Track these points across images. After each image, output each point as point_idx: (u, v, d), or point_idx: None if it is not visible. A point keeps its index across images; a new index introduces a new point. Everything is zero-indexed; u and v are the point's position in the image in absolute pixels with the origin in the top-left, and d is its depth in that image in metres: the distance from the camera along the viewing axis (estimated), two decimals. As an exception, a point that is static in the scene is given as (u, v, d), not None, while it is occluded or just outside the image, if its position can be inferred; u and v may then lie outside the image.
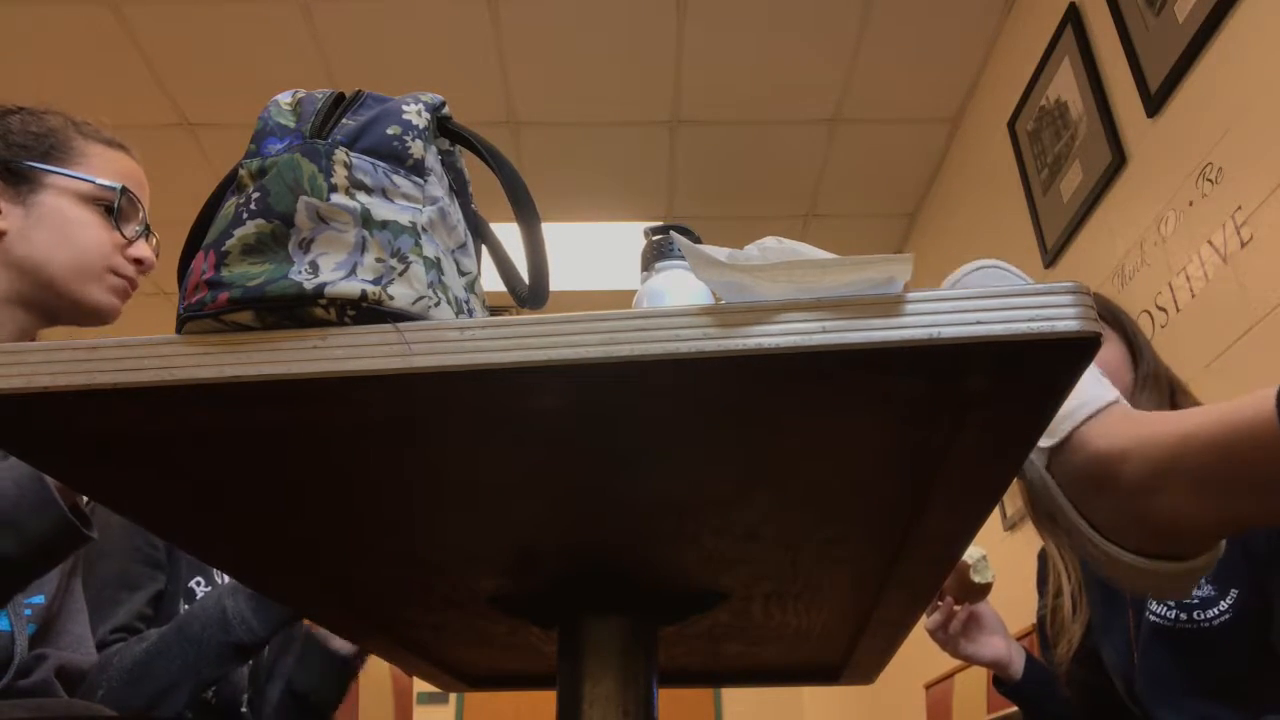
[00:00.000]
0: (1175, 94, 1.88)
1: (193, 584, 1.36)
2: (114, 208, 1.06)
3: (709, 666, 1.16)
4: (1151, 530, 0.66)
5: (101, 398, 0.49)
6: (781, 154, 3.22)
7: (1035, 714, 1.34)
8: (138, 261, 1.09)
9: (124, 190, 1.07)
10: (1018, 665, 1.32)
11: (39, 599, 1.02)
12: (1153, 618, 1.14)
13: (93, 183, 1.05)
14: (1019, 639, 1.41)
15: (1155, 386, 1.21)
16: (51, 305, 1.05)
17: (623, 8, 2.66)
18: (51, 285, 1.03)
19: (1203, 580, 1.08)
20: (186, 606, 1.31)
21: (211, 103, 2.95)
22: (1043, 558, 1.42)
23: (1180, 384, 1.25)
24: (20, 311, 1.04)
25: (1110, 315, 1.29)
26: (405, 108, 0.59)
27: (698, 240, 0.60)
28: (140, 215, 1.10)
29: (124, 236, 1.07)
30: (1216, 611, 1.08)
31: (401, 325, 0.49)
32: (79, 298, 1.04)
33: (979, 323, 0.45)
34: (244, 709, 1.32)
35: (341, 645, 1.36)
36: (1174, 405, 1.21)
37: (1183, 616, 1.11)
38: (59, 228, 1.03)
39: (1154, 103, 1.93)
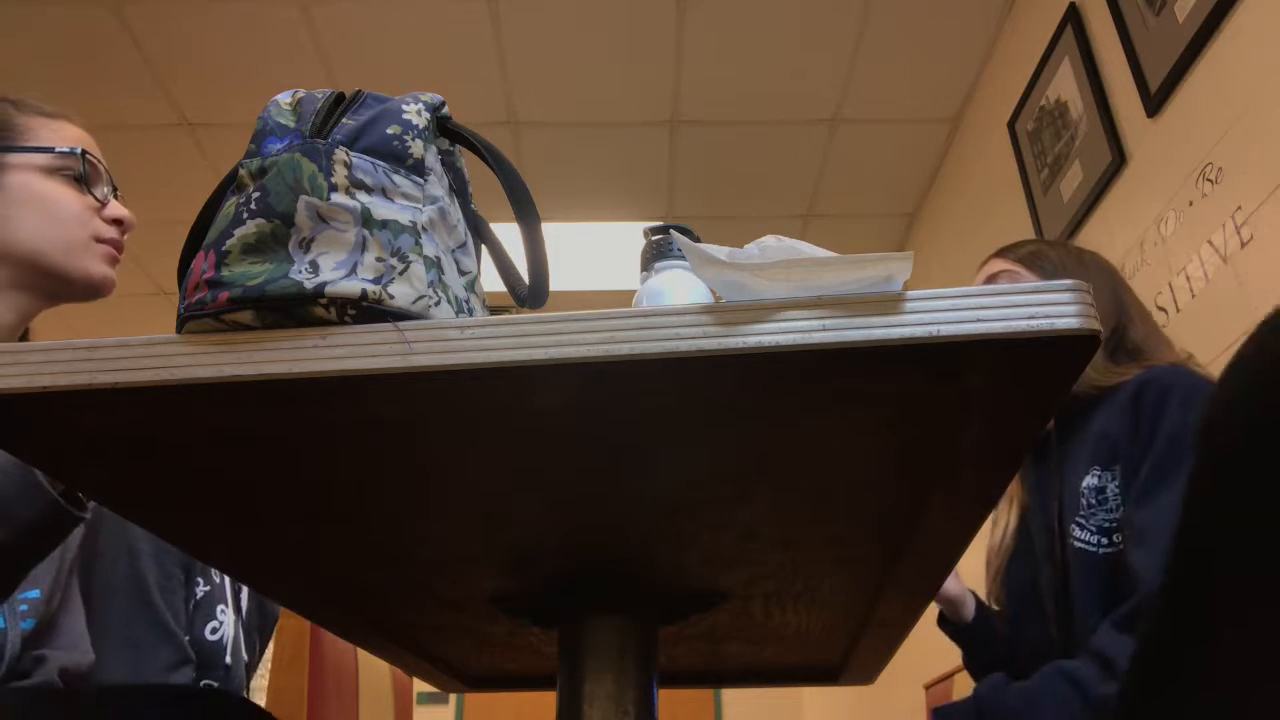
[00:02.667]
0: (1175, 94, 1.88)
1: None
2: (80, 173, 1.06)
3: (709, 666, 1.16)
4: None
5: (101, 398, 0.49)
6: (781, 154, 3.22)
7: (977, 655, 1.39)
8: (117, 222, 1.08)
9: (84, 153, 1.07)
10: (969, 607, 1.38)
11: (35, 594, 1.02)
12: (1076, 544, 1.19)
13: (51, 152, 1.05)
14: None
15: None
16: (48, 286, 1.04)
17: (623, 8, 2.66)
18: (45, 265, 1.02)
19: (1118, 508, 1.18)
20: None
21: (211, 103, 2.95)
22: None
23: (1133, 319, 1.29)
24: (19, 296, 1.03)
25: (1032, 258, 1.36)
26: (405, 107, 0.59)
27: (698, 240, 0.60)
28: (104, 176, 1.09)
29: (96, 199, 1.07)
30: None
31: (402, 324, 0.49)
32: (74, 273, 1.03)
33: (979, 320, 0.45)
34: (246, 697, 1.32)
35: None
36: (1119, 342, 1.27)
37: (1104, 542, 1.16)
38: (35, 204, 1.03)
39: (1154, 103, 1.93)
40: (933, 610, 1.42)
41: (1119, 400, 1.19)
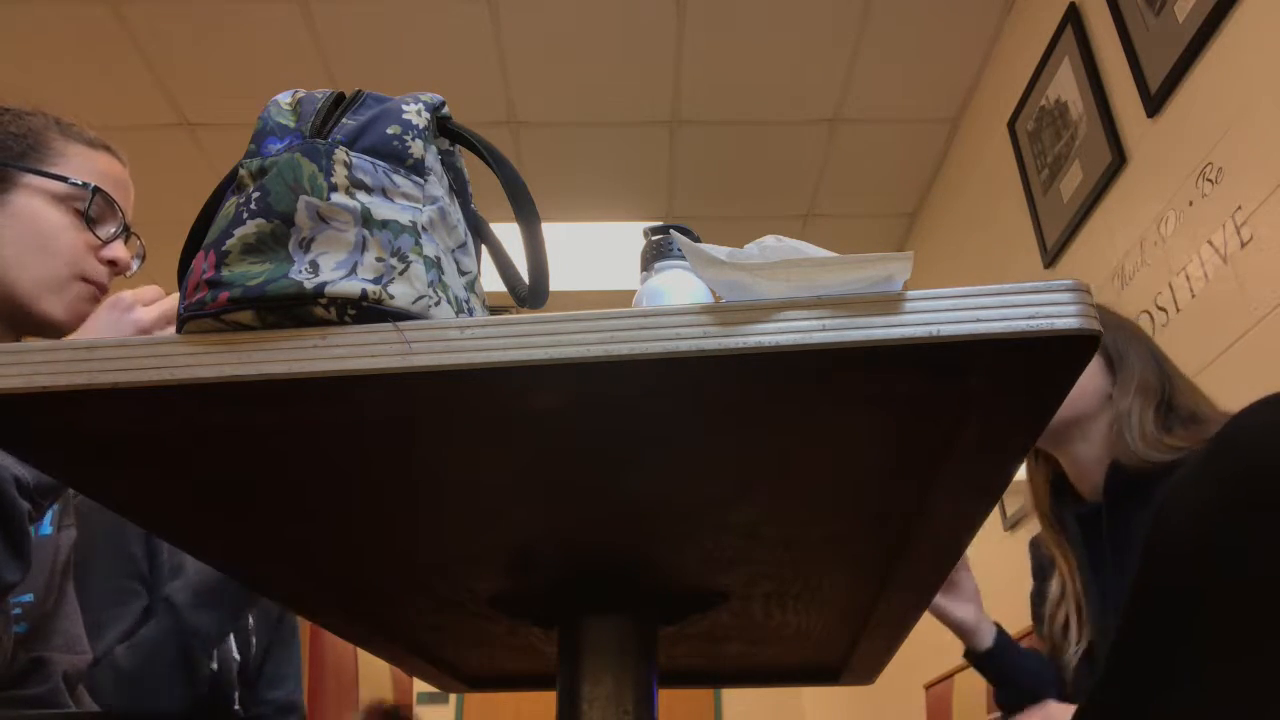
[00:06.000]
0: (1175, 94, 1.88)
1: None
2: (87, 209, 1.04)
3: (709, 666, 1.16)
4: None
5: (101, 398, 0.49)
6: (781, 154, 3.22)
7: (1003, 684, 1.35)
8: (111, 264, 1.06)
9: (96, 189, 1.05)
10: (985, 635, 1.34)
11: (28, 598, 1.02)
12: None
13: (65, 181, 1.03)
14: (1019, 639, 1.41)
15: (1141, 392, 1.22)
16: (12, 313, 1.02)
17: (623, 8, 2.66)
18: (12, 291, 1.00)
19: None
20: None
21: (211, 103, 2.95)
22: (1034, 546, 1.43)
23: (1177, 388, 1.25)
24: None
25: None
26: (405, 107, 0.59)
27: (698, 240, 0.60)
28: (118, 216, 1.07)
29: (97, 238, 1.05)
30: None
31: (401, 324, 0.49)
32: (34, 308, 1.01)
33: (979, 320, 0.45)
34: (236, 706, 1.32)
35: None
36: (1169, 408, 1.22)
37: None
38: (29, 228, 1.01)
39: (1154, 103, 1.93)
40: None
41: None
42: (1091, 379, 1.25)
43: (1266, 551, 0.62)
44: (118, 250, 1.07)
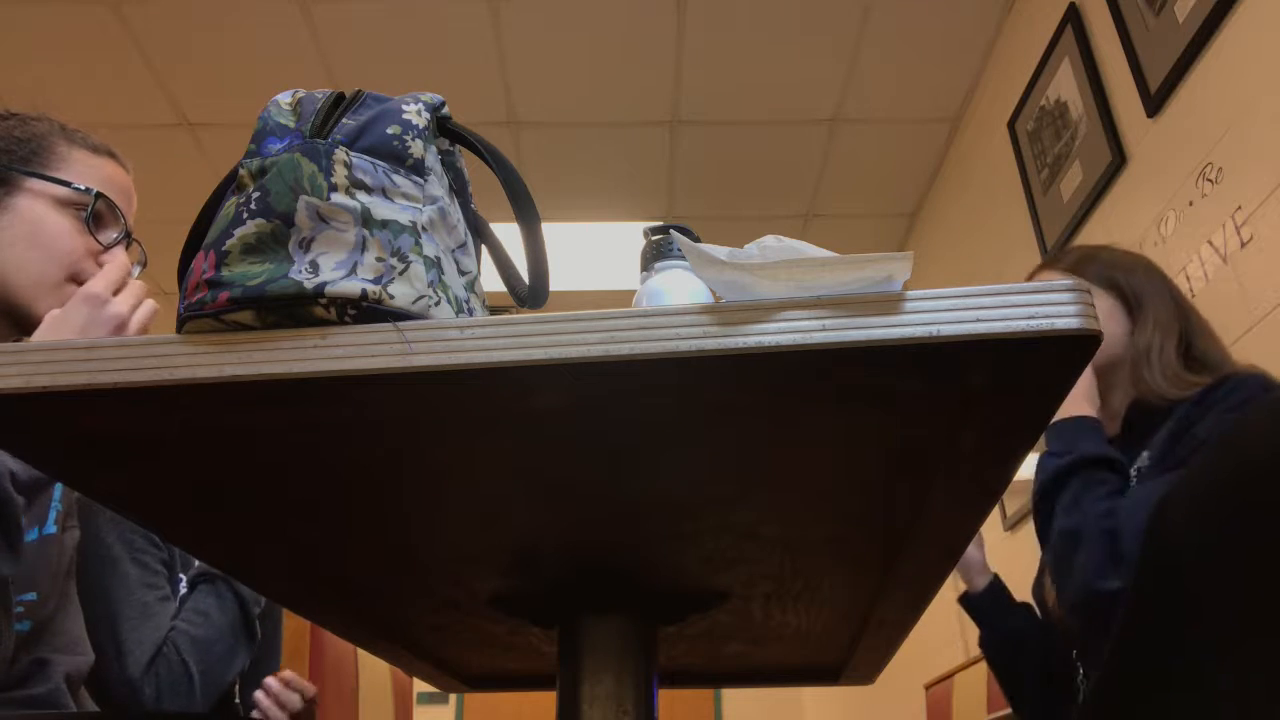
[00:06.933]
0: (1175, 94, 1.88)
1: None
2: (89, 213, 1.05)
3: (709, 666, 1.16)
4: None
5: (101, 398, 0.49)
6: (781, 154, 3.22)
7: (989, 627, 1.38)
8: None
9: (99, 195, 1.06)
10: (984, 578, 1.38)
11: (31, 596, 1.02)
12: None
13: (68, 186, 1.04)
14: None
15: (1161, 328, 1.23)
16: (11, 312, 1.03)
17: (623, 8, 2.66)
18: (11, 291, 1.01)
19: None
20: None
21: (211, 103, 2.95)
22: None
23: (1196, 328, 1.26)
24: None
25: (1081, 264, 1.33)
26: (405, 107, 0.59)
27: (697, 240, 0.60)
28: (120, 222, 1.08)
29: (98, 243, 1.06)
30: None
31: (401, 324, 0.49)
32: (33, 309, 1.02)
33: (978, 321, 0.45)
34: (236, 700, 1.33)
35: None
36: (1188, 349, 1.23)
37: None
38: (30, 230, 1.02)
39: (1154, 103, 1.93)
40: (933, 610, 1.41)
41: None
42: (1112, 322, 1.26)
43: (1264, 552, 0.62)
44: (116, 256, 1.07)
